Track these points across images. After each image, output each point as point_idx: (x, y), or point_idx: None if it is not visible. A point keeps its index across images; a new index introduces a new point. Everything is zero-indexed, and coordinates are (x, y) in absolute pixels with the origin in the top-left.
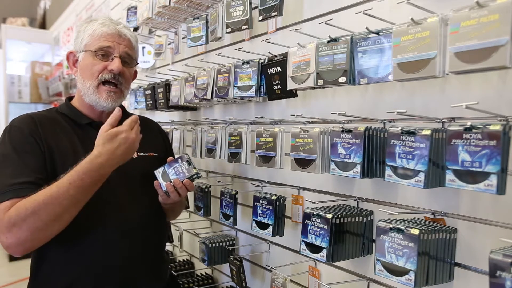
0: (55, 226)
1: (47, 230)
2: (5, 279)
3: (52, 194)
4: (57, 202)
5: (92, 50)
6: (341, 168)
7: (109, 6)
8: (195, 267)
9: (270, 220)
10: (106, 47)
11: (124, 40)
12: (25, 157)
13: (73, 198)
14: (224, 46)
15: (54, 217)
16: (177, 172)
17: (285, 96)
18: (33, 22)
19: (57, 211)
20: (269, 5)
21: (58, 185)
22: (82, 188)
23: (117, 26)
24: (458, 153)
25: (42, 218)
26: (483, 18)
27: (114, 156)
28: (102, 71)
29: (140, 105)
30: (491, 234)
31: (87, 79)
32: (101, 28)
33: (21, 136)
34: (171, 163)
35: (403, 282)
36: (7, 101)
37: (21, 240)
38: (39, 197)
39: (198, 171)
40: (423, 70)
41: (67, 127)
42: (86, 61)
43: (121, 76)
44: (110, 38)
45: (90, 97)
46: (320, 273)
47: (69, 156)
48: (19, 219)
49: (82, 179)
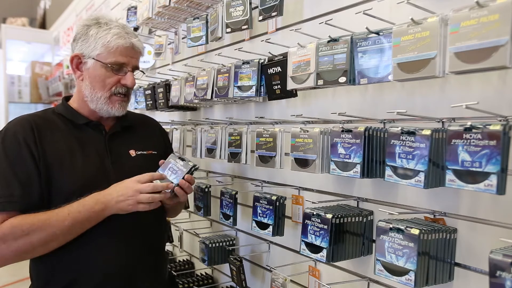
0: (39, 251)
1: (31, 253)
2: (5, 279)
3: (50, 222)
4: (51, 231)
5: (106, 63)
6: (341, 168)
7: (109, 6)
8: (195, 267)
9: (270, 220)
10: (122, 63)
11: (136, 53)
12: (16, 168)
13: (66, 229)
14: (224, 46)
15: (43, 243)
16: (174, 171)
17: (285, 96)
18: (33, 22)
19: (48, 238)
20: (269, 5)
21: (57, 213)
22: (77, 221)
23: (131, 39)
24: (458, 153)
25: (33, 241)
26: (483, 18)
27: (110, 198)
28: (115, 84)
29: (140, 105)
30: (491, 234)
31: (98, 90)
32: (116, 40)
33: (15, 143)
34: (165, 165)
35: (403, 282)
36: (7, 101)
37: (4, 257)
38: (37, 221)
39: (194, 163)
40: (423, 70)
41: (64, 128)
42: (98, 71)
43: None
44: (125, 52)
45: (101, 106)
46: (320, 273)
47: (65, 157)
48: (11, 237)
49: (80, 211)
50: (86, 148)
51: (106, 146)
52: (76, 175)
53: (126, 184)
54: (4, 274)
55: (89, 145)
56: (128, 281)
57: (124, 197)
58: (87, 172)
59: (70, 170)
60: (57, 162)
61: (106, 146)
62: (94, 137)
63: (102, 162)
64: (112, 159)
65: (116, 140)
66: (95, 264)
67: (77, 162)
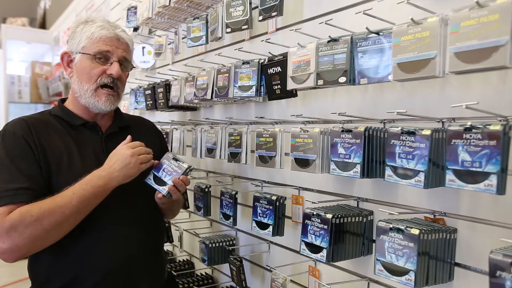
0: (53, 235)
1: (46, 238)
2: (5, 279)
3: (57, 203)
4: (60, 211)
5: (90, 53)
6: (341, 168)
7: (109, 6)
8: (195, 267)
9: (270, 220)
10: (105, 51)
11: (122, 44)
12: (19, 163)
13: (75, 208)
14: (224, 46)
15: (55, 226)
16: (169, 172)
17: (285, 96)
18: (33, 22)
19: (59, 220)
20: (269, 5)
21: (63, 195)
22: (84, 198)
23: (115, 30)
24: (458, 153)
25: (44, 226)
26: (483, 18)
27: (112, 169)
28: (101, 75)
29: (140, 105)
30: (491, 234)
31: (85, 82)
32: (99, 31)
33: (15, 140)
34: (159, 166)
35: (403, 282)
36: (7, 101)
37: (18, 246)
38: (44, 205)
39: (189, 164)
40: (423, 70)
41: (61, 129)
42: (84, 63)
43: (119, 80)
44: (109, 42)
45: (88, 100)
46: (320, 273)
47: (63, 158)
48: (22, 224)
49: (84, 189)
50: (83, 149)
51: (103, 147)
52: (73, 176)
53: (119, 152)
54: (4, 274)
55: (86, 146)
56: (127, 281)
57: (124, 163)
58: (85, 172)
59: (67, 170)
60: (55, 162)
61: (103, 146)
62: (91, 137)
63: (99, 163)
64: None
65: (113, 140)
66: (94, 264)
67: (74, 162)
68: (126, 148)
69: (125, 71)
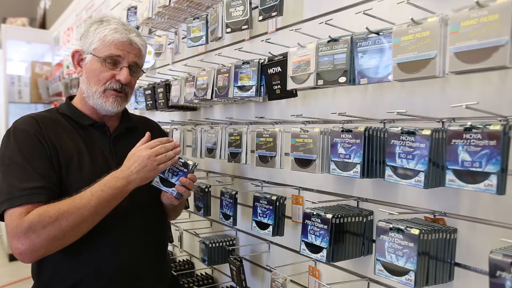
0: (71, 236)
1: (63, 239)
2: (5, 279)
3: (76, 204)
4: (79, 213)
5: (101, 57)
6: (341, 168)
7: (109, 6)
8: (195, 267)
9: (270, 220)
10: (116, 55)
11: (135, 49)
12: (33, 161)
13: (93, 210)
14: (224, 46)
15: (73, 227)
16: (175, 172)
17: (285, 96)
18: (33, 22)
19: (77, 221)
20: (269, 5)
21: (81, 196)
22: (102, 200)
23: (129, 34)
24: (458, 153)
25: (62, 227)
26: (483, 18)
27: (129, 172)
28: (110, 80)
29: (140, 105)
30: (491, 234)
31: (93, 84)
32: (113, 34)
33: (27, 138)
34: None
35: (403, 282)
36: (7, 101)
37: (36, 247)
38: (62, 206)
39: (193, 161)
40: (423, 70)
41: (70, 128)
42: (94, 66)
43: (127, 85)
44: (121, 46)
45: (96, 101)
46: (320, 273)
47: (73, 158)
48: (40, 225)
49: (103, 190)
50: (92, 150)
51: (111, 148)
52: (83, 176)
53: (137, 153)
54: (4, 274)
55: (94, 146)
56: (133, 282)
57: (142, 165)
58: (94, 173)
59: (77, 170)
60: (66, 161)
61: (111, 147)
62: (99, 138)
63: (107, 164)
64: (117, 160)
65: (121, 141)
66: (101, 265)
67: (84, 162)
68: (144, 149)
69: (134, 77)
